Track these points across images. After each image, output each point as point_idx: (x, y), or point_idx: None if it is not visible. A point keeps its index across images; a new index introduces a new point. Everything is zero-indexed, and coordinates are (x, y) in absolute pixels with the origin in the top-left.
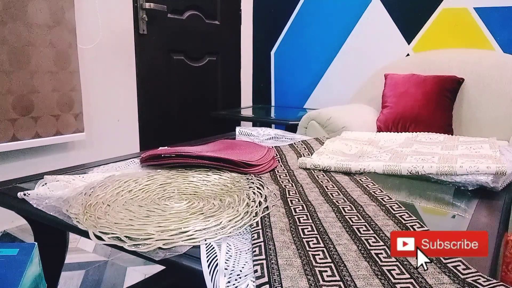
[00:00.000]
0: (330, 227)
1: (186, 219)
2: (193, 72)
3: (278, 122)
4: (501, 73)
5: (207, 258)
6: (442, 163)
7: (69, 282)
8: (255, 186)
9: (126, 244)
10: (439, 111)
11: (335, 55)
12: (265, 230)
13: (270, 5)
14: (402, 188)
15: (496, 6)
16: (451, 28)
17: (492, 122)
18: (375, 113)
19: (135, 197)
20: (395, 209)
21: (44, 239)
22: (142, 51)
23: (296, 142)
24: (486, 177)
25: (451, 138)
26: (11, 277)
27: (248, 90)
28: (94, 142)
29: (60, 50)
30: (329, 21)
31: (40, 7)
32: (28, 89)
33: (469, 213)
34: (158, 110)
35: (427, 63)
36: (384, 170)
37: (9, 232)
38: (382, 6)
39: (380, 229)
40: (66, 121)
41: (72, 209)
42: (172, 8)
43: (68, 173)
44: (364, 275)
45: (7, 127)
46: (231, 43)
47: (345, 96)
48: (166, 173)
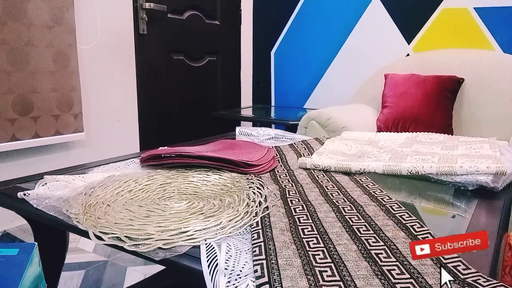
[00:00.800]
0: (330, 227)
1: (186, 219)
2: (193, 72)
3: (278, 122)
4: (501, 73)
5: (207, 258)
6: (442, 163)
7: (69, 282)
8: (255, 186)
9: (126, 244)
10: (439, 111)
11: (335, 55)
12: (265, 230)
13: (270, 5)
14: (402, 188)
15: (496, 6)
16: (451, 28)
17: (492, 122)
18: (375, 113)
19: (135, 197)
20: (395, 209)
21: (44, 239)
22: (142, 51)
23: (296, 142)
24: (486, 177)
25: (451, 138)
26: (11, 277)
27: (248, 90)
28: (94, 142)
29: (59, 50)
30: (329, 21)
31: (39, 7)
32: (28, 89)
33: (469, 213)
34: (158, 110)
35: (427, 63)
36: (384, 170)
37: (9, 232)
38: (382, 6)
39: (380, 229)
40: (65, 121)
41: (72, 209)
42: (172, 8)
43: (68, 173)
44: (364, 275)
45: (6, 127)
46: (231, 43)
47: (345, 96)
48: (166, 173)
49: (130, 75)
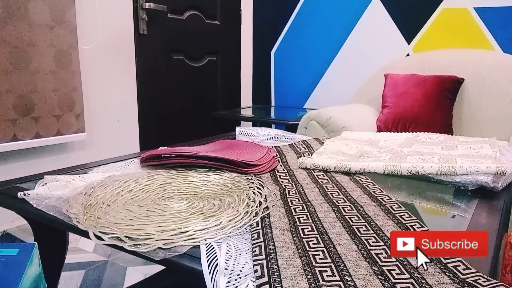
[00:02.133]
0: (330, 227)
1: (186, 219)
2: (193, 72)
3: (278, 122)
4: (501, 73)
5: (207, 258)
6: (442, 163)
7: (69, 282)
8: (255, 186)
9: (126, 244)
10: (439, 111)
11: (335, 55)
12: (265, 230)
13: (270, 5)
14: (402, 188)
15: (496, 6)
16: (451, 28)
17: (492, 122)
18: (375, 113)
19: (135, 197)
20: (395, 209)
21: (44, 239)
22: (142, 51)
23: (296, 142)
24: (486, 177)
25: (451, 138)
26: (11, 277)
27: (248, 90)
28: (94, 142)
29: (61, 50)
30: (329, 21)
31: (40, 7)
32: (29, 89)
33: (469, 213)
34: (158, 110)
35: (427, 63)
36: (384, 170)
37: (9, 232)
38: (382, 6)
39: (380, 229)
40: (67, 121)
41: (72, 209)
42: (172, 8)
43: (68, 173)
44: (364, 275)
45: (7, 127)
46: (231, 43)
47: (345, 96)
48: (166, 173)
49: (130, 75)
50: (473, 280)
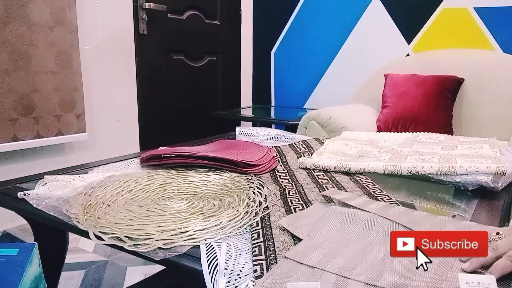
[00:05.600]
0: None
1: (186, 219)
2: (193, 72)
3: (278, 122)
4: (501, 73)
5: (207, 258)
6: (442, 163)
7: (69, 282)
8: (255, 186)
9: (126, 244)
10: (439, 111)
11: (335, 55)
12: (265, 230)
13: (270, 5)
14: (402, 188)
15: (496, 6)
16: (451, 28)
17: (492, 122)
18: (375, 113)
19: (135, 197)
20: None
21: (44, 239)
22: (142, 51)
23: (296, 142)
24: (486, 177)
25: (451, 138)
26: (11, 277)
27: (248, 90)
28: (94, 142)
29: (61, 50)
30: (329, 21)
31: (41, 7)
32: (30, 89)
33: (469, 213)
34: (158, 110)
35: (427, 63)
36: (384, 170)
37: (9, 232)
38: (382, 6)
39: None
40: (68, 121)
41: (72, 209)
42: (172, 8)
43: (68, 173)
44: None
45: (8, 127)
46: (231, 43)
47: (345, 96)
48: (166, 173)
49: (130, 75)
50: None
